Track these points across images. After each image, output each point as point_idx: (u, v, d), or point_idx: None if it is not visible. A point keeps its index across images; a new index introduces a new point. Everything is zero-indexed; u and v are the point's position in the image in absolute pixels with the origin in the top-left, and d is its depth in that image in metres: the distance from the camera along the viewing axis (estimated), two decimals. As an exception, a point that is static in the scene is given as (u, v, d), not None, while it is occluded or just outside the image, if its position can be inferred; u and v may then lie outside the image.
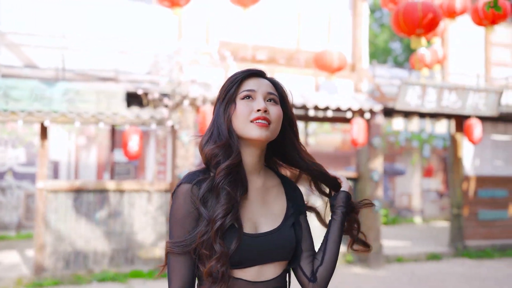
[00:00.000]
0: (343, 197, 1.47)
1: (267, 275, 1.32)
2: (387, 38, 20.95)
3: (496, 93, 8.96)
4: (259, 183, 1.38)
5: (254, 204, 1.35)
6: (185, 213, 1.28)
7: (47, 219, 6.78)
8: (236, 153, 1.32)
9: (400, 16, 4.88)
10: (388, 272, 8.02)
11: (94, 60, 7.44)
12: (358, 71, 8.80)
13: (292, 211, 1.41)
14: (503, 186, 10.04)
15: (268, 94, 1.36)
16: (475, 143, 9.07)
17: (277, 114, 1.34)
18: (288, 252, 1.36)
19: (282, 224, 1.37)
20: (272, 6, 8.38)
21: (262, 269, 1.32)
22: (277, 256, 1.34)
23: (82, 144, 12.97)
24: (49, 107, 6.57)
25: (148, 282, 6.83)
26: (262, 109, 1.30)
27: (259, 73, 1.41)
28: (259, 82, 1.37)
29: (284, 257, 1.36)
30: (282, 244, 1.34)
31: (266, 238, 1.32)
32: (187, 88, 7.12)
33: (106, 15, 7.57)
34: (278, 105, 1.37)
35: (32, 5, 7.36)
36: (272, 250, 1.32)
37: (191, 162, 7.34)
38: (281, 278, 1.37)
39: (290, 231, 1.37)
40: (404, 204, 17.02)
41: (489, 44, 10.24)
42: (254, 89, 1.34)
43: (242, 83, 1.37)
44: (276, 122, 1.34)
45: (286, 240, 1.35)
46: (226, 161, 1.30)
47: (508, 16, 5.71)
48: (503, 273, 8.02)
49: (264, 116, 1.30)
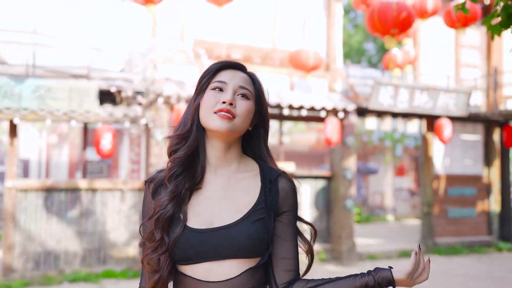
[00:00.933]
0: (387, 278, 1.27)
1: (221, 275, 1.22)
2: (361, 38, 21.22)
3: (465, 94, 9.18)
4: (225, 177, 1.32)
5: (214, 199, 1.29)
6: (146, 211, 1.31)
7: (16, 219, 6.63)
8: (190, 144, 1.31)
9: (375, 15, 4.96)
10: (361, 269, 8.13)
11: (66, 57, 7.31)
12: (332, 71, 8.89)
13: (263, 206, 1.28)
14: (471, 184, 10.31)
15: (240, 88, 1.31)
16: (445, 143, 9.29)
17: (245, 108, 1.29)
18: (245, 249, 1.23)
19: (242, 219, 1.25)
20: (248, 5, 8.39)
21: (214, 267, 1.22)
22: (229, 253, 1.22)
23: (53, 143, 12.72)
24: (18, 104, 6.43)
25: (121, 282, 6.75)
26: (227, 101, 1.27)
27: (237, 66, 1.36)
28: (233, 75, 1.33)
29: (241, 255, 1.23)
30: (236, 240, 1.22)
31: (216, 233, 1.23)
32: (161, 86, 7.07)
33: (79, 11, 7.45)
34: (249, 101, 1.32)
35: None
36: (223, 246, 1.22)
37: (166, 160, 7.27)
38: (245, 279, 1.23)
39: (251, 226, 1.24)
40: (377, 203, 17.28)
41: (459, 46, 10.49)
42: (226, 81, 1.31)
43: (216, 74, 1.34)
44: (242, 116, 1.29)
45: (242, 235, 1.22)
46: (179, 152, 1.32)
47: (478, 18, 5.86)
48: (471, 269, 8.24)
49: (228, 109, 1.26)
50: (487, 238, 10.30)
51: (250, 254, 1.24)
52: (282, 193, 1.33)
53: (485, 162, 10.49)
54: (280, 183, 1.34)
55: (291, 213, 1.33)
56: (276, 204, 1.32)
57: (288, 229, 1.32)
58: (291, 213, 1.33)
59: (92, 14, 7.50)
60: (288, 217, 1.33)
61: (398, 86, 8.58)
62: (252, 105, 1.33)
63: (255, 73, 1.41)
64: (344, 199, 8.49)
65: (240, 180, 1.33)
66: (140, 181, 7.37)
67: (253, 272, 1.25)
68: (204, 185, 1.32)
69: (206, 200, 1.30)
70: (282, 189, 1.34)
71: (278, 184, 1.34)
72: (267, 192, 1.32)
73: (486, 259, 9.19)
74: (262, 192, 1.31)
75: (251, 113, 1.32)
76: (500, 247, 10.06)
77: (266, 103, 1.39)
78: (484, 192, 10.41)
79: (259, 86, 1.38)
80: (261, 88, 1.38)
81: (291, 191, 1.35)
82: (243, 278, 1.24)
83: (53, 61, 7.24)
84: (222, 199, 1.29)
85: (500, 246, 10.07)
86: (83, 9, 7.46)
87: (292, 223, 1.33)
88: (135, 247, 7.23)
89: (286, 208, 1.33)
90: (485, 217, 10.39)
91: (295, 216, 1.35)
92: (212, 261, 1.22)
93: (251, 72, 1.41)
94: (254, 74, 1.40)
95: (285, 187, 1.34)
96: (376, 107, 8.57)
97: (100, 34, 7.49)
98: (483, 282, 7.33)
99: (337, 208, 8.58)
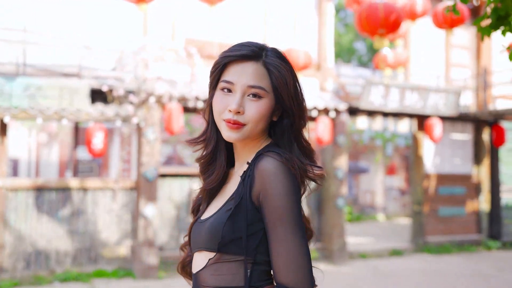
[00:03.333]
0: None
1: (196, 266, 1.24)
2: (352, 38, 21.30)
3: (455, 94, 9.26)
4: (233, 173, 1.31)
5: (221, 194, 1.30)
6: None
7: (6, 219, 6.58)
8: (207, 145, 1.31)
9: (363, 16, 5.00)
10: (351, 268, 8.18)
11: (56, 55, 7.26)
12: (323, 70, 8.92)
13: (233, 195, 1.20)
14: (461, 183, 10.40)
15: (250, 88, 1.18)
16: (435, 142, 9.36)
17: (256, 112, 1.17)
18: (205, 242, 1.18)
19: (218, 210, 1.21)
20: (239, 4, 8.39)
21: (196, 259, 1.25)
22: (198, 245, 1.23)
23: (43, 142, 12.63)
24: (9, 103, 6.37)
25: (112, 281, 6.73)
26: (233, 110, 1.17)
27: (248, 55, 1.19)
28: (242, 70, 1.19)
29: (203, 247, 1.19)
30: (202, 232, 1.21)
31: (197, 225, 1.27)
32: (152, 85, 7.05)
33: (70, 8, 7.40)
34: (261, 100, 1.18)
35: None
36: (197, 238, 1.24)
37: (157, 160, 7.27)
38: (209, 272, 1.18)
39: (215, 218, 1.19)
40: (367, 202, 17.37)
41: (449, 46, 10.58)
42: (233, 82, 1.19)
43: (225, 68, 1.21)
44: (253, 122, 1.18)
45: (206, 228, 1.20)
46: (201, 155, 1.34)
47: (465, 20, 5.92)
48: (460, 268, 8.31)
49: (234, 120, 1.17)
50: (476, 236, 10.40)
51: (209, 246, 1.18)
52: (258, 175, 1.14)
53: (475, 161, 10.59)
54: (257, 163, 1.16)
55: (267, 199, 1.12)
56: (250, 189, 1.15)
57: (267, 220, 1.13)
58: (267, 200, 1.12)
59: (83, 12, 7.45)
60: (265, 205, 1.13)
61: (389, 86, 8.63)
62: (266, 104, 1.19)
63: (274, 58, 1.21)
64: (335, 198, 8.53)
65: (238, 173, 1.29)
66: (131, 181, 7.34)
67: (216, 268, 1.17)
68: (229, 180, 1.32)
69: (219, 194, 1.32)
70: (257, 170, 1.15)
71: (255, 165, 1.16)
72: (241, 178, 1.19)
73: (475, 258, 9.28)
74: (240, 180, 1.20)
75: (266, 113, 1.20)
76: (490, 246, 10.16)
77: (289, 93, 1.21)
78: (473, 191, 10.50)
79: (277, 78, 1.19)
80: (280, 79, 1.19)
81: (269, 171, 1.12)
82: (207, 271, 1.19)
83: (44, 60, 7.18)
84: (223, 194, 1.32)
85: (489, 245, 10.18)
86: (74, 7, 7.42)
87: (271, 213, 1.12)
88: (126, 246, 7.21)
89: (263, 193, 1.13)
90: (475, 216, 10.48)
91: (274, 205, 1.12)
92: (196, 252, 1.26)
93: (269, 57, 1.21)
94: (272, 62, 1.20)
95: (261, 168, 1.14)
96: (367, 107, 8.61)
97: (91, 32, 7.44)
98: (470, 280, 7.41)
99: (328, 207, 8.62)
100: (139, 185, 7.18)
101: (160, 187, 7.51)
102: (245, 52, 1.19)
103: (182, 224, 7.75)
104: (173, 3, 7.87)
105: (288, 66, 1.22)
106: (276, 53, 1.23)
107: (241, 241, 1.14)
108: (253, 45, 1.21)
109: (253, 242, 1.15)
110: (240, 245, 1.14)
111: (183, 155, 12.91)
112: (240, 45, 1.22)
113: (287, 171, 1.12)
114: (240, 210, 1.15)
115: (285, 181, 1.12)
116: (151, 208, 7.10)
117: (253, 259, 1.16)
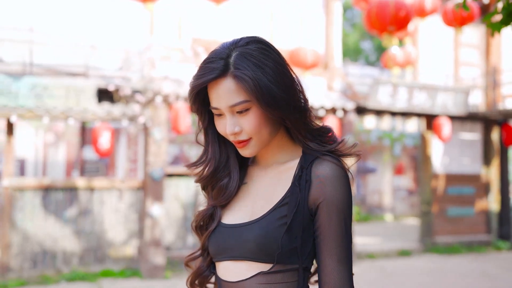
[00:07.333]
0: None
1: (234, 275, 1.15)
2: (358, 37, 21.21)
3: (464, 93, 9.17)
4: (266, 171, 1.22)
5: (250, 195, 1.21)
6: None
7: (13, 218, 6.59)
8: (209, 166, 1.25)
9: (372, 13, 4.95)
10: (359, 268, 8.11)
11: (63, 55, 7.26)
12: (330, 69, 8.86)
13: (287, 201, 1.11)
14: (470, 183, 10.29)
15: (232, 108, 1.11)
16: (444, 142, 9.27)
17: (251, 125, 1.12)
18: (253, 252, 1.11)
19: (261, 217, 1.13)
20: (245, 3, 8.35)
21: (230, 267, 1.16)
22: (241, 254, 1.13)
23: (50, 141, 12.67)
24: (15, 103, 6.38)
25: (118, 281, 6.72)
26: (229, 134, 1.14)
27: (215, 76, 1.11)
28: (216, 94, 1.12)
29: (251, 257, 1.12)
30: (246, 241, 1.12)
31: (231, 230, 1.17)
32: (159, 85, 7.03)
33: (77, 8, 7.40)
34: (249, 111, 1.11)
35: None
36: (236, 246, 1.14)
37: (163, 159, 7.25)
38: (256, 283, 1.12)
39: (263, 226, 1.11)
40: (375, 202, 17.28)
41: (458, 45, 10.47)
42: (217, 107, 1.14)
43: (202, 92, 1.19)
44: (255, 133, 1.12)
45: (251, 236, 1.11)
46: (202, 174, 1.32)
47: (475, 18, 5.85)
48: (466, 268, 8.22)
49: (237, 141, 1.15)
50: (486, 237, 10.29)
51: (259, 257, 1.11)
52: (316, 180, 1.09)
53: (484, 161, 10.48)
54: (314, 168, 1.11)
55: (326, 207, 1.08)
56: (306, 196, 1.10)
57: (324, 230, 1.09)
58: (326, 207, 1.08)
59: (89, 12, 7.45)
60: (322, 213, 1.08)
61: (397, 85, 8.56)
62: (256, 112, 1.12)
63: (240, 61, 1.09)
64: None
65: (278, 173, 1.19)
66: (138, 180, 7.33)
67: (268, 278, 1.11)
68: (250, 180, 1.24)
69: (243, 196, 1.23)
70: (315, 175, 1.09)
71: (312, 169, 1.11)
72: (297, 183, 1.11)
73: (483, 258, 9.18)
74: (292, 185, 1.12)
75: (261, 120, 1.12)
76: (499, 246, 10.05)
77: (270, 87, 1.09)
78: (483, 191, 10.40)
79: (249, 83, 1.08)
80: (254, 81, 1.08)
81: (329, 177, 1.08)
82: (254, 281, 1.12)
83: (50, 59, 7.19)
84: (256, 195, 1.20)
85: (499, 245, 10.07)
86: (80, 7, 7.42)
87: (328, 223, 1.08)
88: (133, 246, 7.20)
89: (321, 200, 1.08)
90: (484, 216, 10.38)
91: (336, 213, 1.08)
92: (230, 260, 1.16)
93: (236, 64, 1.09)
94: (240, 68, 1.09)
95: (320, 173, 1.09)
96: (375, 106, 8.54)
97: (97, 32, 7.44)
98: (475, 280, 7.32)
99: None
100: (145, 185, 7.17)
101: (167, 186, 7.49)
102: (209, 76, 1.11)
103: (189, 223, 7.72)
104: (179, 2, 7.85)
105: (260, 55, 1.11)
106: (241, 53, 1.11)
107: (296, 249, 1.11)
108: (216, 58, 1.12)
109: (306, 250, 1.13)
110: (296, 253, 1.11)
111: (189, 154, 12.89)
112: (202, 67, 1.14)
113: (346, 177, 1.11)
114: (296, 217, 1.10)
115: (345, 189, 1.10)
116: (158, 208, 7.08)
117: (306, 266, 1.14)
